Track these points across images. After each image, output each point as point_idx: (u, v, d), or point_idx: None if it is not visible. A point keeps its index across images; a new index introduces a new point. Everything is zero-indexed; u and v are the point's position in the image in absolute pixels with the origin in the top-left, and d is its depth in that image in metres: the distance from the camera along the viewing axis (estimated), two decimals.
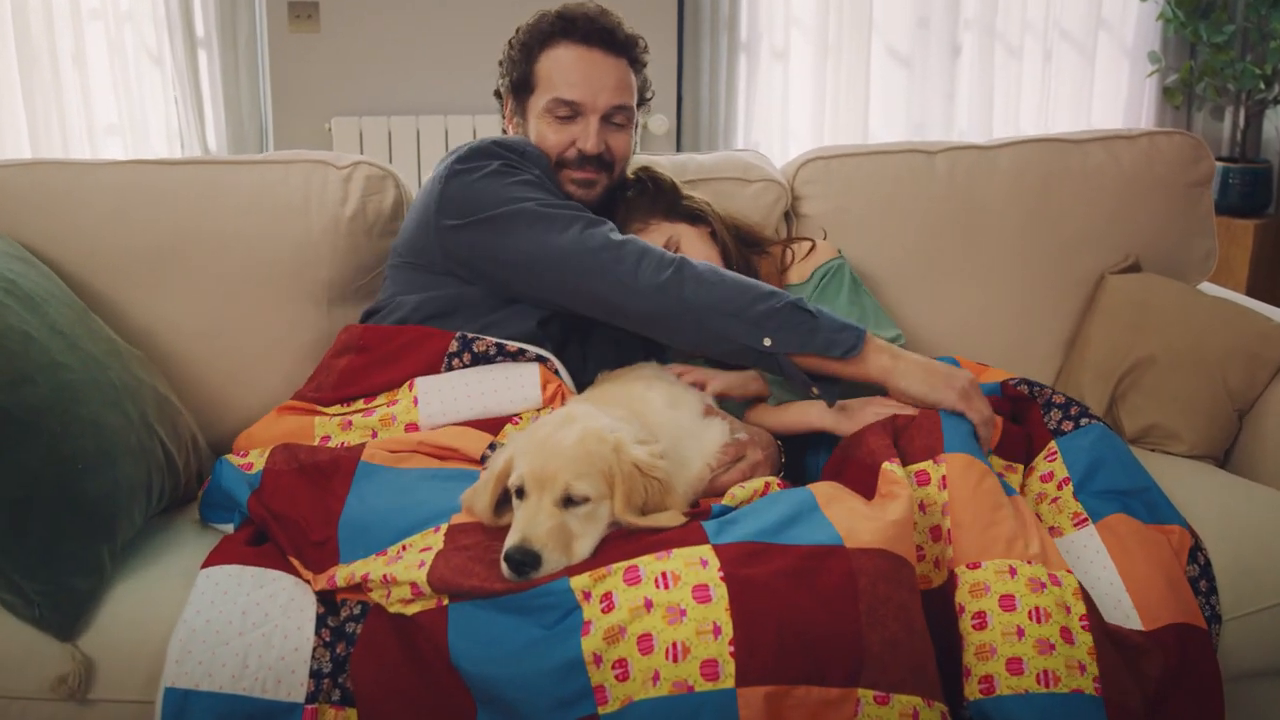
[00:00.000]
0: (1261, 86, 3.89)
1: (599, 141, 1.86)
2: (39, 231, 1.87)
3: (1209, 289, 2.28)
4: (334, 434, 1.71)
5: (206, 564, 1.49)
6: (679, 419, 1.60)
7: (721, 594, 1.24)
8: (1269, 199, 3.96)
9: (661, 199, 1.91)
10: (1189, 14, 3.92)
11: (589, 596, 1.27)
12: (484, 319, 1.77)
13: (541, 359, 1.74)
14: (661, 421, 1.55)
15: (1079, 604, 1.37)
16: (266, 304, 1.96)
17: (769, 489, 1.47)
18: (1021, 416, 1.72)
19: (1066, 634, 1.34)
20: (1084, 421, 1.68)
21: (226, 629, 1.39)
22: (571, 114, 1.86)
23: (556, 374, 1.74)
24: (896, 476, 1.44)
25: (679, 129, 3.93)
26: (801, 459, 1.76)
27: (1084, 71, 4.10)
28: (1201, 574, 1.57)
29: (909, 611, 1.28)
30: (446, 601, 1.33)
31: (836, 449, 1.63)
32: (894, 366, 1.62)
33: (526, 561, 1.31)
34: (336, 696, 1.37)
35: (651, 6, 3.68)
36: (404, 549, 1.41)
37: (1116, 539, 1.54)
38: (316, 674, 1.38)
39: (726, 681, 1.20)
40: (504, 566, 1.33)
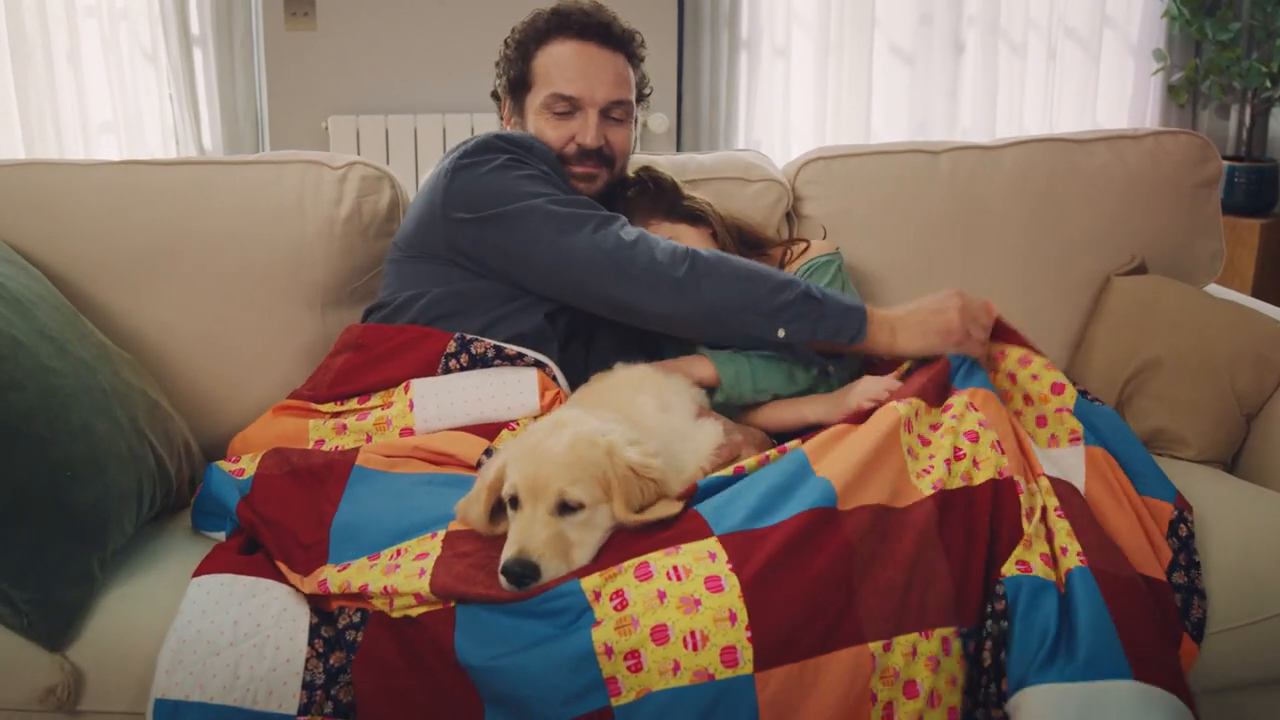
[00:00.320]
0: (1268, 84, 3.86)
1: (598, 135, 1.85)
2: (28, 233, 1.85)
3: (1215, 290, 2.26)
4: (328, 438, 1.70)
5: (198, 573, 1.47)
6: (671, 422, 1.59)
7: (733, 583, 1.26)
8: (1275, 198, 3.92)
9: (662, 199, 1.91)
10: (1194, 11, 3.90)
11: (599, 596, 1.28)
12: (493, 313, 1.75)
13: (540, 364, 1.72)
14: (654, 426, 1.54)
15: (1052, 499, 1.49)
16: (260, 306, 1.94)
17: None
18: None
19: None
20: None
21: (218, 639, 1.37)
22: (570, 109, 1.86)
23: (555, 380, 1.72)
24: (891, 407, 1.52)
25: (679, 128, 3.91)
26: None
27: (1088, 69, 4.07)
28: (1181, 547, 1.55)
29: (895, 554, 1.35)
30: (454, 604, 1.32)
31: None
32: (894, 340, 1.67)
33: (525, 573, 1.31)
34: (329, 709, 1.36)
35: (651, 4, 3.66)
36: (399, 554, 1.40)
37: (1096, 469, 1.58)
38: (309, 685, 1.36)
39: (745, 667, 1.22)
40: (503, 580, 1.32)
